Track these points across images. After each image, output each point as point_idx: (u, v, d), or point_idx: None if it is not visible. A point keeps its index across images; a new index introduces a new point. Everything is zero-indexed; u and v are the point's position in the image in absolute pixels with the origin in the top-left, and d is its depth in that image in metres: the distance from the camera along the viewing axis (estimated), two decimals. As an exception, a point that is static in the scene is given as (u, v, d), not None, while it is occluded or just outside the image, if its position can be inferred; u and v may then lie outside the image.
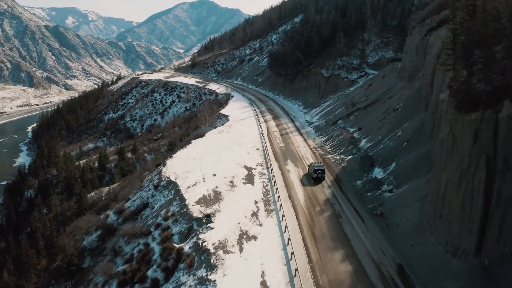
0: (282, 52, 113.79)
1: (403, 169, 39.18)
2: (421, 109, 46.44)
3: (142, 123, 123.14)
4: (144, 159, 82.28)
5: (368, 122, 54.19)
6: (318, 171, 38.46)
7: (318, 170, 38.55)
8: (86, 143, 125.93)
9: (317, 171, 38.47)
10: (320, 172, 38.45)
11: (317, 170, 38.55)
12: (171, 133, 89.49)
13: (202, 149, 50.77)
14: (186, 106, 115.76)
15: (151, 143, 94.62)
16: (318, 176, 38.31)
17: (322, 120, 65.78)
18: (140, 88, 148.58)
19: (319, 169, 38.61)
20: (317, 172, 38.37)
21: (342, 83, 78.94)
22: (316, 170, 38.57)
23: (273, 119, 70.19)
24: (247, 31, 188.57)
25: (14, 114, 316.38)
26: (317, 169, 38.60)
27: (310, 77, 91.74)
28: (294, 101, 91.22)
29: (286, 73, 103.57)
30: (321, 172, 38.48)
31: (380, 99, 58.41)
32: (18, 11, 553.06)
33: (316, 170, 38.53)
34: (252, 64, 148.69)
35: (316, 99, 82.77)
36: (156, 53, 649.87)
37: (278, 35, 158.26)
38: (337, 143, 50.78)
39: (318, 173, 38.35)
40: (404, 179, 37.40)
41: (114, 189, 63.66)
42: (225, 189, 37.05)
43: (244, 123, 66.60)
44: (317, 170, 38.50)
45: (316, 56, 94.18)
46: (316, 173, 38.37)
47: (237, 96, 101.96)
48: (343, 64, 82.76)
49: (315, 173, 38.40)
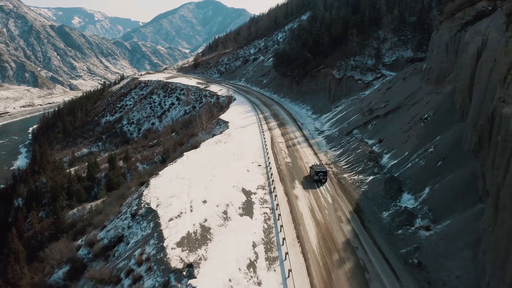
0: (288, 52, 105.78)
1: (440, 197, 31.16)
2: (456, 120, 38.30)
3: (139, 127, 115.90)
4: (136, 169, 74.81)
5: (390, 133, 46.07)
6: (319, 173, 36.97)
7: (319, 172, 37.00)
8: (80, 148, 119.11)
9: (318, 173, 36.98)
10: (321, 174, 36.95)
11: (318, 172, 37.01)
12: (166, 140, 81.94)
13: (194, 164, 43.07)
14: (185, 109, 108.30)
15: (146, 150, 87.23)
16: (320, 179, 36.96)
17: (334, 128, 57.68)
18: (139, 90, 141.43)
19: (320, 171, 37.03)
20: (319, 174, 36.97)
21: (356, 86, 70.81)
22: (317, 172, 37.02)
23: (278, 127, 62.25)
24: (252, 29, 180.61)
25: (16, 115, 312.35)
26: (319, 171, 37.04)
27: (320, 78, 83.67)
28: (302, 105, 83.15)
29: (293, 74, 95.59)
30: (322, 174, 36.95)
31: (402, 105, 50.23)
32: (23, 11, 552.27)
33: (317, 172, 37.01)
34: (256, 64, 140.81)
35: (326, 103, 74.68)
36: (161, 53, 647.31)
37: (284, 33, 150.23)
38: (354, 158, 42.71)
39: (320, 175, 36.95)
40: (443, 212, 29.42)
41: (98, 207, 56.28)
42: (216, 223, 29.27)
43: (246, 132, 58.77)
44: (319, 172, 36.99)
45: (325, 55, 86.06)
46: (318, 175, 36.97)
47: (239, 99, 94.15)
48: (356, 64, 74.56)
49: (317, 175, 36.97)
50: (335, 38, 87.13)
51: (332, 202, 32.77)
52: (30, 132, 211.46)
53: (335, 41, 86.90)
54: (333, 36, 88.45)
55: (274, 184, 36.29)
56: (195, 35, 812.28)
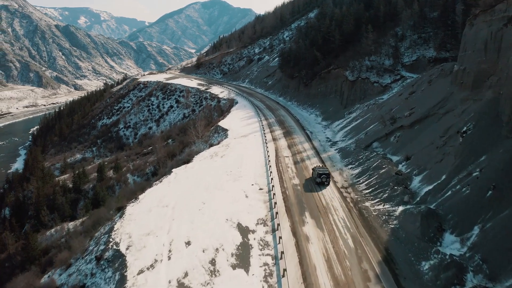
0: (295, 51, 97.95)
1: (495, 241, 23.41)
2: (503, 135, 30.48)
3: (135, 131, 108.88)
4: (126, 181, 67.64)
5: (418, 148, 38.15)
6: (322, 175, 35.82)
7: (322, 174, 35.87)
8: (74, 153, 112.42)
9: (321, 175, 35.83)
10: (324, 176, 35.80)
11: (321, 174, 35.88)
12: (160, 149, 74.47)
13: (182, 186, 35.66)
14: (184, 112, 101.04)
15: (139, 158, 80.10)
16: (322, 181, 35.76)
17: (349, 139, 49.87)
18: (137, 91, 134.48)
19: (323, 173, 35.93)
20: (321, 177, 35.76)
21: (372, 89, 62.90)
22: (320, 174, 35.89)
23: (284, 136, 54.54)
24: (257, 28, 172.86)
25: (19, 115, 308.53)
26: (321, 173, 35.91)
27: (330, 80, 75.83)
28: (310, 109, 75.36)
29: (300, 75, 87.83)
30: (325, 177, 35.80)
31: (432, 114, 42.25)
32: (28, 11, 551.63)
33: (320, 174, 35.86)
34: (261, 64, 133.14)
35: (338, 109, 66.85)
36: (167, 53, 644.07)
37: (291, 32, 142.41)
38: (377, 180, 34.90)
39: (323, 177, 35.75)
40: (501, 263, 21.73)
41: (76, 229, 49.21)
42: (199, 280, 21.77)
43: (246, 142, 51.22)
44: (321, 174, 35.85)
45: (336, 55, 78.16)
46: (320, 177, 35.77)
47: (242, 102, 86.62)
48: (372, 65, 66.60)
49: (319, 177, 35.79)
50: (347, 35, 79.14)
51: (354, 246, 25.07)
52: (31, 133, 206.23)
53: (346, 39, 78.93)
54: (344, 33, 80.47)
55: (278, 218, 28.62)
56: (201, 35, 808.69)
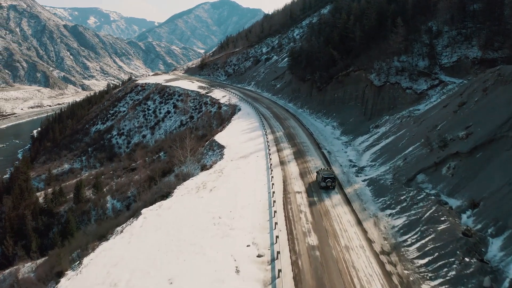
0: (307, 50, 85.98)
1: None
2: None
3: (129, 139, 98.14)
4: (104, 205, 56.55)
5: (488, 188, 25.74)
6: (327, 179, 32.58)
7: (327, 178, 32.61)
8: (62, 163, 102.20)
9: (326, 179, 32.58)
10: (329, 180, 32.58)
11: (326, 178, 32.60)
12: (141, 169, 63.15)
13: (146, 245, 24.15)
14: (182, 119, 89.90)
15: (125, 174, 69.07)
16: (327, 185, 32.57)
17: (381, 164, 37.78)
18: (134, 94, 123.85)
19: (328, 177, 32.70)
20: (326, 181, 32.54)
21: (403, 97, 50.73)
22: (325, 178, 32.61)
23: (295, 158, 42.72)
24: (265, 26, 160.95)
25: (23, 116, 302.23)
26: (326, 177, 32.64)
27: (349, 84, 63.84)
28: (326, 119, 63.40)
29: (313, 78, 75.89)
30: (330, 180, 32.60)
31: (499, 136, 29.78)
32: (37, 11, 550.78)
33: (325, 178, 32.59)
34: (269, 65, 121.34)
35: (361, 120, 54.78)
36: (176, 53, 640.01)
37: (302, 29, 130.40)
38: (435, 244, 22.77)
39: (328, 182, 32.54)
40: None
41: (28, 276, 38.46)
42: None
43: (246, 167, 39.59)
44: (326, 178, 32.58)
45: (356, 54, 66.08)
46: (325, 181, 32.57)
47: (245, 108, 75.09)
48: (402, 66, 54.40)
49: (324, 181, 32.57)
50: (369, 31, 66.98)
51: None
52: (33, 135, 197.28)
53: (368, 36, 66.76)
54: (365, 29, 68.32)
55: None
56: (210, 35, 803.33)
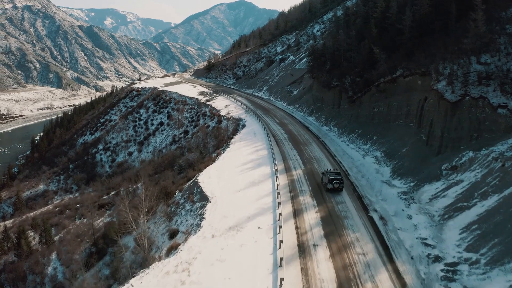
0: (332, 48, 67.08)
1: None
2: None
3: (114, 156, 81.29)
4: (43, 271, 39.11)
5: None
6: (334, 180, 30.26)
7: (334, 179, 30.31)
8: (37, 183, 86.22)
9: (333, 180, 30.24)
10: (337, 182, 30.31)
11: (333, 179, 30.29)
12: (120, 201, 45.77)
13: None
14: (175, 133, 72.37)
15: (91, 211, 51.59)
16: (334, 187, 30.37)
17: (491, 263, 18.93)
18: (129, 100, 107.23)
19: (336, 178, 30.37)
20: (333, 182, 30.26)
21: (494, 119, 31.45)
22: (332, 179, 30.29)
23: (324, 232, 23.97)
24: (280, 22, 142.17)
25: (31, 118, 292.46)
26: (334, 178, 30.34)
27: (397, 95, 44.83)
28: (363, 144, 44.38)
29: (342, 85, 56.97)
30: (338, 182, 30.33)
31: None
32: (51, 11, 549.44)
33: (332, 180, 30.26)
34: (284, 66, 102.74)
35: (421, 151, 35.56)
36: (191, 54, 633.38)
37: (323, 25, 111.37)
38: None
39: (335, 183, 30.28)
40: None
41: None
42: None
43: (234, 260, 21.26)
44: (334, 180, 30.27)
45: (408, 52, 46.83)
46: (332, 182, 30.25)
47: (252, 124, 56.89)
48: (487, 71, 35.17)
49: (331, 183, 30.28)
50: (423, 21, 47.76)
51: None
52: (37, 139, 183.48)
53: (422, 27, 47.57)
54: (417, 18, 49.07)
55: None
56: (226, 36, 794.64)
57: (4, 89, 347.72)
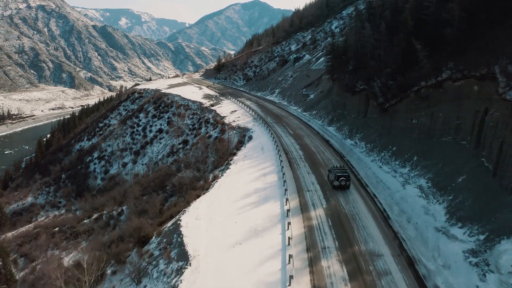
0: (355, 44, 57.29)
1: None
2: None
3: (107, 166, 73.20)
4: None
5: None
6: (341, 177, 28.77)
7: (341, 176, 28.84)
8: (26, 194, 78.81)
9: (339, 177, 28.74)
10: (343, 178, 28.86)
11: (339, 176, 28.81)
12: (98, 230, 37.19)
13: None
14: (173, 143, 63.73)
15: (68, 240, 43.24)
16: (341, 184, 28.90)
17: None
18: (129, 103, 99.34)
19: (342, 175, 28.95)
20: (340, 179, 28.77)
21: None
22: (338, 176, 28.82)
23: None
24: (294, 19, 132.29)
25: (41, 118, 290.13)
26: (340, 175, 28.88)
27: (443, 103, 34.88)
28: (400, 167, 34.45)
29: (369, 89, 47.16)
30: (344, 179, 28.92)
31: None
32: (65, 11, 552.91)
33: (338, 177, 28.77)
34: (299, 67, 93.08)
35: (486, 184, 25.68)
36: (205, 54, 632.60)
37: (342, 21, 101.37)
38: None
39: (342, 180, 28.80)
40: None
41: None
42: None
43: None
44: (340, 176, 28.77)
45: (455, 50, 36.76)
46: (339, 180, 28.77)
47: (260, 136, 47.63)
48: None
49: (337, 180, 28.74)
50: (476, 10, 37.67)
51: None
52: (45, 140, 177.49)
53: (474, 18, 37.47)
54: (466, 8, 38.98)
55: None
56: (240, 36, 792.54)
57: (16, 88, 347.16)
